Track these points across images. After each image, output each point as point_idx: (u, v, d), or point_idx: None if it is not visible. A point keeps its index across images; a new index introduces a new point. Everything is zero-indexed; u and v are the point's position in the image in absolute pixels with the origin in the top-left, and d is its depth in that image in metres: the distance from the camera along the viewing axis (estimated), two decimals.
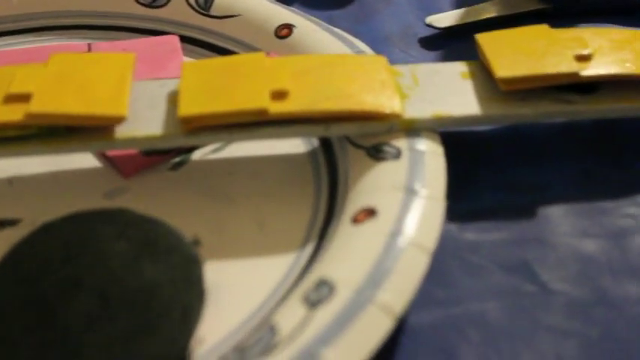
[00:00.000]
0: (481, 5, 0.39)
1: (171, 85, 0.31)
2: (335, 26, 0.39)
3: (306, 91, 0.29)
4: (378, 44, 0.38)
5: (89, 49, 0.35)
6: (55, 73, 0.29)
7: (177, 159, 0.31)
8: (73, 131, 0.28)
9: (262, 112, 0.28)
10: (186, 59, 0.36)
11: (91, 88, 0.29)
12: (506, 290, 0.26)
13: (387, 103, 0.29)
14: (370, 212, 0.26)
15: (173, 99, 0.30)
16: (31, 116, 0.27)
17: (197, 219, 0.29)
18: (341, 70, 0.30)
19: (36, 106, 0.28)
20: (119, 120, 0.28)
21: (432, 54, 0.37)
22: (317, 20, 0.35)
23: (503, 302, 0.26)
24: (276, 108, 0.28)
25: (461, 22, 0.38)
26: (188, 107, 0.28)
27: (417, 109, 0.29)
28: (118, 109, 0.28)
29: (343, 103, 0.28)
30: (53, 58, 0.30)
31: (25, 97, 0.28)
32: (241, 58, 0.31)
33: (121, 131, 0.28)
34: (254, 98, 0.28)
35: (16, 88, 0.28)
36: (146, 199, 0.29)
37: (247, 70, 0.30)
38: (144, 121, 0.29)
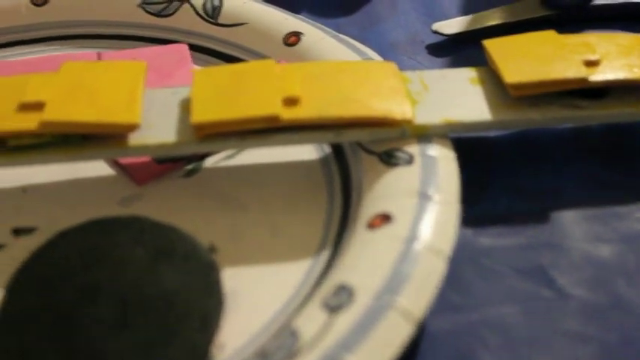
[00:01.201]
0: (487, 12, 0.39)
1: (182, 92, 0.31)
2: (342, 34, 0.39)
3: (318, 98, 0.29)
4: (385, 51, 0.38)
5: (99, 59, 0.35)
6: (67, 82, 0.29)
7: (189, 166, 0.31)
8: (86, 139, 0.28)
9: (274, 119, 0.28)
10: (195, 67, 0.36)
11: (104, 96, 0.29)
12: (523, 295, 0.26)
13: (398, 109, 0.29)
14: (385, 218, 0.26)
15: (185, 106, 0.30)
16: (45, 124, 0.28)
17: (211, 226, 0.29)
18: (351, 77, 0.30)
19: (50, 115, 0.28)
20: (132, 128, 0.28)
21: (440, 60, 0.37)
22: (325, 28, 0.36)
23: (520, 307, 0.26)
24: (288, 114, 0.28)
25: (467, 29, 0.38)
26: (200, 114, 0.28)
27: (428, 115, 0.29)
28: (132, 117, 0.28)
29: (355, 109, 0.29)
30: (65, 67, 0.30)
31: (38, 106, 0.28)
32: (251, 65, 0.31)
33: (134, 139, 0.28)
34: (266, 105, 0.28)
35: (30, 97, 0.28)
36: (160, 206, 0.29)
37: (258, 77, 0.30)
38: (156, 128, 0.29)
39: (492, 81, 0.31)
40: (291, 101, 0.29)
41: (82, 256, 0.26)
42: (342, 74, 0.30)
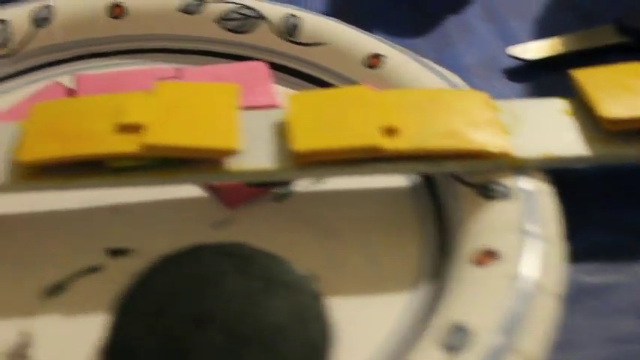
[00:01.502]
0: (563, 37, 0.39)
1: (274, 115, 0.31)
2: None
3: (416, 128, 0.29)
4: (460, 74, 0.38)
5: (178, 74, 0.35)
6: (163, 103, 0.29)
7: (279, 190, 0.31)
8: (182, 162, 0.28)
9: (376, 149, 0.28)
10: (276, 86, 0.36)
11: (202, 119, 0.29)
12: (626, 336, 0.26)
13: (497, 141, 0.29)
14: (492, 254, 0.26)
15: (280, 131, 0.30)
16: (147, 148, 0.28)
17: (307, 253, 0.29)
18: (446, 106, 0.30)
19: (152, 138, 0.28)
20: (232, 153, 0.28)
21: (517, 86, 0.37)
22: (407, 50, 0.35)
23: (623, 349, 0.26)
24: (389, 145, 0.28)
25: (545, 55, 0.38)
26: (303, 142, 0.28)
27: (524, 148, 0.29)
28: (232, 143, 0.28)
29: (455, 141, 0.29)
30: (160, 87, 0.30)
31: (136, 128, 0.28)
32: (346, 91, 0.31)
33: (232, 163, 0.28)
34: (366, 134, 0.28)
35: (128, 118, 0.28)
36: (253, 231, 0.29)
37: (354, 104, 0.30)
38: (252, 153, 0.29)
39: (582, 113, 0.31)
40: (390, 131, 0.29)
41: (187, 283, 0.26)
42: (436, 103, 0.30)
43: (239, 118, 0.30)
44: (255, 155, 0.29)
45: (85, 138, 0.28)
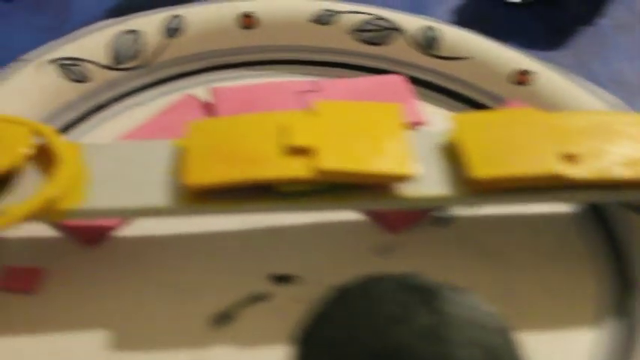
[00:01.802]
0: None
1: (435, 136, 0.29)
2: None
3: (594, 155, 0.28)
4: None
5: (314, 87, 0.34)
6: (330, 125, 0.28)
7: (439, 214, 0.30)
8: (351, 187, 0.27)
9: (559, 177, 0.27)
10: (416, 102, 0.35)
11: (372, 142, 0.28)
12: None
13: None
14: None
15: (448, 154, 0.28)
16: (321, 173, 0.26)
17: (480, 283, 0.28)
18: (618, 131, 0.29)
19: (326, 163, 0.26)
20: (408, 179, 0.27)
21: None
22: (557, 67, 0.34)
23: None
24: (571, 173, 0.27)
25: None
26: (481, 168, 0.27)
27: None
28: (408, 168, 0.27)
29: (636, 169, 0.27)
30: (321, 107, 0.29)
31: (305, 151, 0.27)
32: (513, 113, 0.30)
33: (404, 189, 0.27)
34: (546, 161, 0.27)
35: (298, 141, 0.27)
36: (420, 258, 0.28)
37: (525, 128, 0.28)
38: (424, 178, 0.28)
39: None
40: (569, 158, 0.27)
41: (366, 316, 0.24)
42: (608, 127, 0.29)
43: (407, 141, 0.29)
44: (427, 180, 0.28)
45: (252, 161, 0.27)
